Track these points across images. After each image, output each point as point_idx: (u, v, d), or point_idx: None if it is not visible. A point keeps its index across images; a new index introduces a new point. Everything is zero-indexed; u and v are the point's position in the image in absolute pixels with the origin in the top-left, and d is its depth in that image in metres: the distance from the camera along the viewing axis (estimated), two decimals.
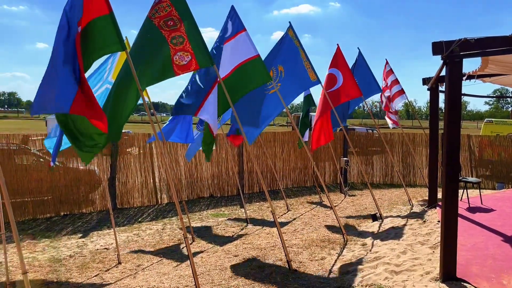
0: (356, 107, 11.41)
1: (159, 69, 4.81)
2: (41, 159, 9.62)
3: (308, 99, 10.60)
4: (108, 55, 7.01)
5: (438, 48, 4.38)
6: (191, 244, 7.20)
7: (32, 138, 10.00)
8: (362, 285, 4.95)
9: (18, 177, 9.24)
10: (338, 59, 8.94)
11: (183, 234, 4.36)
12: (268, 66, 7.59)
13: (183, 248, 6.97)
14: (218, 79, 5.61)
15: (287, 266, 5.67)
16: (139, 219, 9.31)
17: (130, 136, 11.22)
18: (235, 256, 6.37)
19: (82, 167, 10.09)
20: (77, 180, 9.95)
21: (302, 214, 9.40)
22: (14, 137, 9.34)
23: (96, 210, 10.03)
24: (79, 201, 9.98)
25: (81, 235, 8.03)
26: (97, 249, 7.04)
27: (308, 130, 10.96)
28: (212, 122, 5.81)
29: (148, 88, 7.66)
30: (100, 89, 6.50)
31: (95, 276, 5.67)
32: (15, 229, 3.54)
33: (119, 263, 6.22)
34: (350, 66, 10.27)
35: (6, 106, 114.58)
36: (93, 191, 10.21)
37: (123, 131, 11.11)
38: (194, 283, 4.85)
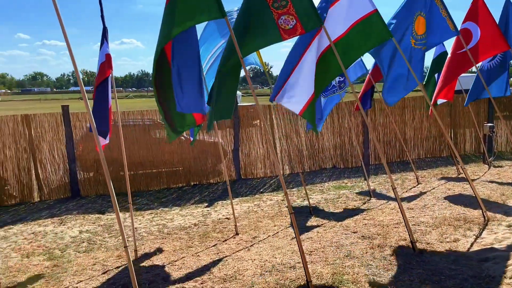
0: None
1: (263, 34, 4.53)
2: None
3: (442, 58, 9.28)
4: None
5: None
6: (308, 217, 6.98)
7: None
8: (506, 277, 4.14)
9: (153, 150, 10.07)
10: (477, 10, 7.52)
11: (288, 210, 4.12)
12: (408, 23, 6.73)
13: (301, 220, 6.79)
14: (330, 43, 5.10)
15: (411, 247, 5.07)
16: (261, 190, 9.42)
17: (255, 108, 11.31)
18: (354, 232, 5.95)
19: (208, 140, 10.56)
20: (204, 152, 10.46)
21: (434, 188, 8.42)
22: (148, 113, 10.14)
23: (222, 181, 10.45)
24: (207, 172, 10.51)
25: (206, 204, 8.43)
26: (219, 219, 7.28)
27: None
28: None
29: None
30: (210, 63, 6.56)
31: (213, 246, 5.84)
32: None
33: (237, 234, 6.32)
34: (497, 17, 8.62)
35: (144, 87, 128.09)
36: (219, 162, 10.65)
37: (245, 104, 11.20)
38: (307, 260, 4.63)
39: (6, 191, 8.96)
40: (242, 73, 6.27)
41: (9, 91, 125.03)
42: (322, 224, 6.50)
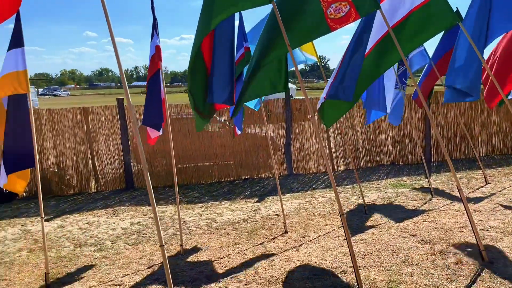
0: None
1: (309, 26, 4.19)
2: (227, 126, 10.22)
3: None
4: None
5: None
6: (363, 217, 6.56)
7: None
8: None
9: (205, 143, 10.03)
10: None
11: (338, 211, 3.77)
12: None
13: (355, 220, 6.40)
14: (387, 28, 4.66)
15: (480, 256, 4.54)
16: (314, 186, 9.07)
17: (312, 101, 10.91)
18: (412, 235, 5.48)
19: (260, 134, 10.36)
20: (256, 145, 10.27)
21: (505, 189, 7.64)
22: None
23: (274, 175, 10.20)
24: (259, 166, 10.32)
25: (257, 199, 8.24)
26: (269, 215, 7.06)
27: None
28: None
29: None
30: None
31: (260, 244, 5.62)
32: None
33: (286, 232, 6.06)
34: None
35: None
36: (271, 156, 10.40)
37: (299, 97, 10.85)
38: (360, 264, 4.28)
39: (66, 181, 9.32)
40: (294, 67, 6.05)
41: (78, 86, 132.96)
42: (377, 225, 6.07)
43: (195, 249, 5.59)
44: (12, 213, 7.88)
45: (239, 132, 6.88)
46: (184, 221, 6.90)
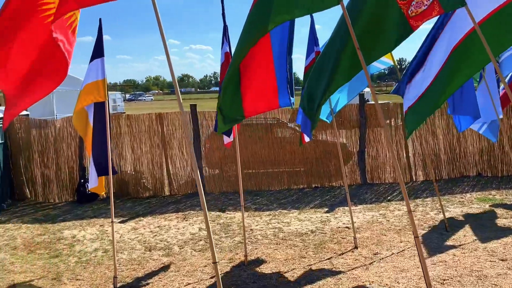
0: None
1: (389, 33, 3.82)
2: (297, 132, 10.02)
3: None
4: None
5: None
6: (443, 235, 5.99)
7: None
8: None
9: (275, 149, 9.91)
10: None
11: (412, 233, 3.36)
12: None
13: (433, 238, 5.86)
14: (473, 25, 4.15)
15: None
16: (389, 197, 8.54)
17: (389, 106, 10.35)
18: (502, 260, 4.85)
19: (331, 140, 10.00)
20: (327, 153, 9.94)
21: None
22: (270, 113, 9.98)
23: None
24: (330, 174, 9.97)
25: (327, 209, 7.93)
26: (339, 227, 6.73)
27: None
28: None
29: None
30: None
31: (328, 259, 5.34)
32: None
33: (356, 247, 5.70)
34: None
35: None
36: (344, 164, 10.00)
37: (373, 102, 10.38)
38: None
39: (142, 184, 9.72)
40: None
41: (161, 91, 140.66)
42: (460, 245, 5.48)
43: (260, 260, 5.46)
44: (92, 213, 8.35)
45: (307, 139, 6.64)
46: (250, 229, 6.82)
